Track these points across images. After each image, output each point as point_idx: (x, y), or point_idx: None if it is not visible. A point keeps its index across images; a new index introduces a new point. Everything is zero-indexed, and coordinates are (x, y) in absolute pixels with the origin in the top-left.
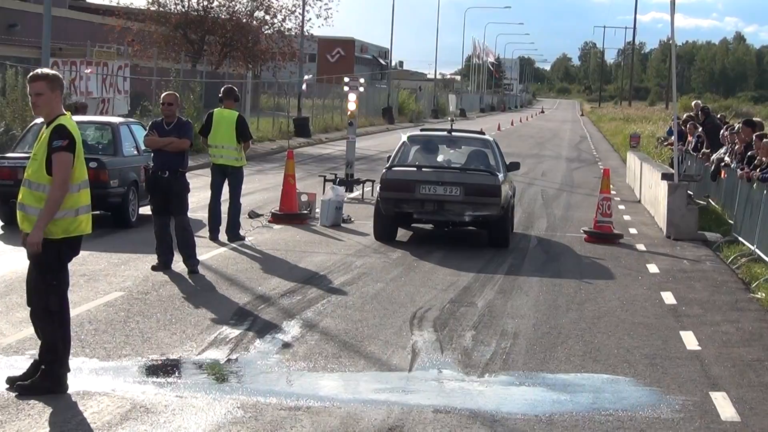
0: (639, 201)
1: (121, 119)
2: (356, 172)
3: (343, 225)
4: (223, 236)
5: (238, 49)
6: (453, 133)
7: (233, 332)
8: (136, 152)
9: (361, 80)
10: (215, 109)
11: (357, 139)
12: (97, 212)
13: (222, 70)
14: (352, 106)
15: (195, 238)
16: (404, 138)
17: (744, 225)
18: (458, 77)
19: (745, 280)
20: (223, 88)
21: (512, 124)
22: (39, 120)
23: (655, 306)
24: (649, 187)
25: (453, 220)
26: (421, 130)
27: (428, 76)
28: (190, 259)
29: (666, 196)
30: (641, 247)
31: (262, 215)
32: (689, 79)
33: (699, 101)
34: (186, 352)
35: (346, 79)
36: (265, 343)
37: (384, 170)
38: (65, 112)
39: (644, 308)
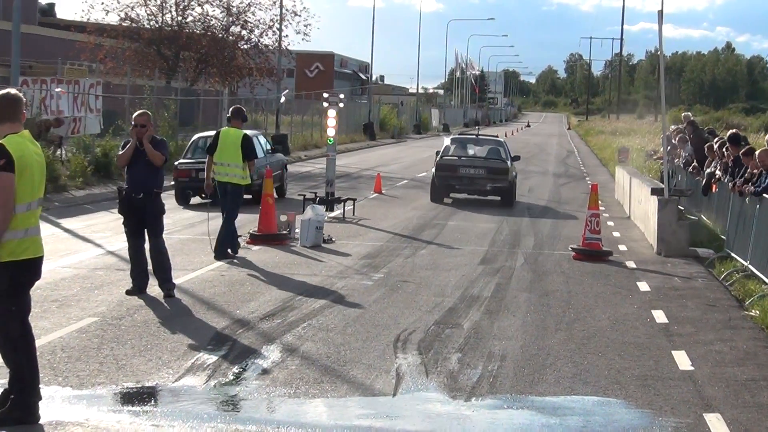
0: (628, 217)
1: (254, 131)
2: (337, 191)
3: (323, 245)
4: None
5: (214, 65)
6: (479, 136)
7: (211, 358)
8: (263, 155)
9: (341, 95)
10: (222, 128)
11: (337, 156)
12: (249, 196)
13: (198, 87)
14: (331, 122)
15: (170, 261)
16: (447, 141)
17: (737, 240)
18: (441, 91)
19: (738, 298)
20: (231, 108)
21: None
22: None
23: (646, 325)
24: (639, 202)
25: (480, 189)
26: (457, 134)
27: (410, 91)
28: (166, 283)
29: (656, 211)
30: (631, 264)
31: (240, 236)
32: (679, 91)
33: (689, 113)
34: (162, 380)
35: (326, 95)
36: (244, 369)
37: (437, 159)
38: (17, 131)
39: (635, 328)
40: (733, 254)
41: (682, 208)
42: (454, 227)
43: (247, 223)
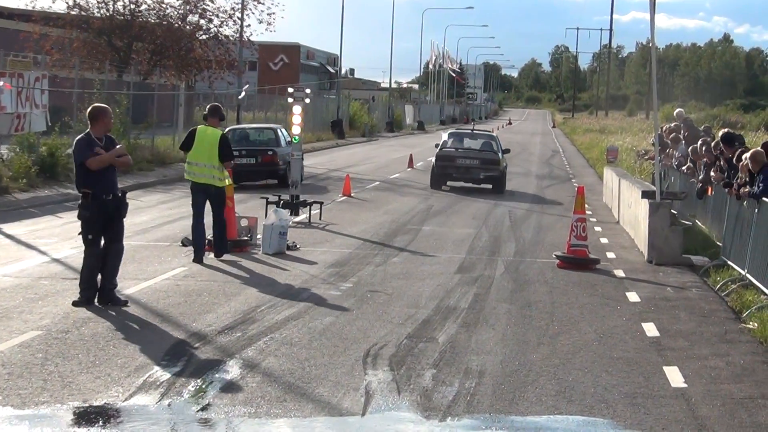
0: (617, 222)
1: (277, 125)
2: (302, 194)
3: (287, 252)
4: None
5: (170, 57)
6: (474, 131)
7: (165, 374)
8: (286, 145)
9: (308, 90)
10: (199, 126)
11: (303, 156)
12: (273, 181)
13: (152, 81)
14: (297, 119)
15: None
16: (445, 135)
17: (734, 247)
18: (416, 86)
19: (735, 309)
20: (208, 106)
21: None
22: None
23: (636, 339)
24: (629, 206)
25: (474, 177)
26: (454, 130)
27: (382, 85)
28: (114, 289)
29: (647, 216)
30: (620, 273)
31: None
32: (672, 86)
33: (682, 110)
34: (111, 398)
35: (291, 90)
36: (200, 387)
37: (437, 150)
38: None
39: (624, 341)
40: (729, 262)
41: (675, 213)
42: (429, 233)
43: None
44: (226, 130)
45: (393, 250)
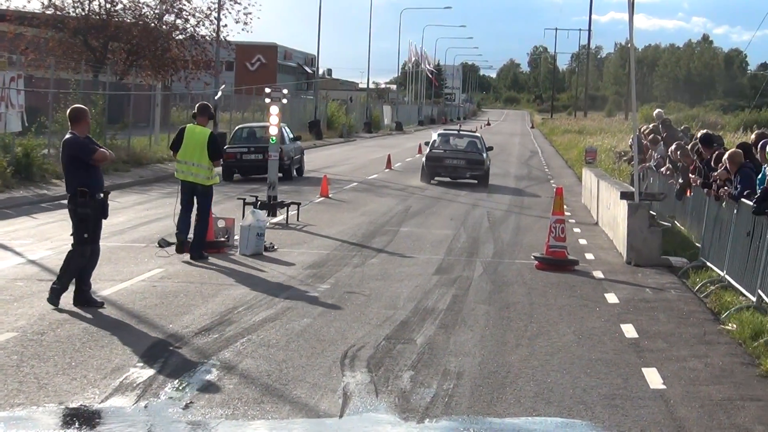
0: (596, 223)
1: (282, 124)
2: (280, 194)
3: (265, 254)
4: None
5: (146, 57)
6: (460, 132)
7: (141, 376)
8: (290, 141)
9: (285, 91)
10: (188, 125)
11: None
12: (281, 174)
13: (128, 81)
14: (274, 120)
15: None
16: (435, 136)
17: (713, 248)
18: (394, 86)
19: (714, 310)
20: (197, 105)
21: None
22: None
23: (615, 340)
24: (607, 207)
25: (460, 175)
26: (442, 131)
27: (360, 86)
28: (89, 290)
29: (626, 217)
30: (599, 274)
31: (173, 244)
32: (651, 86)
33: (661, 111)
34: (88, 400)
35: (268, 90)
36: (177, 388)
37: (427, 150)
38: None
39: (602, 343)
40: (708, 263)
41: (654, 214)
42: (407, 234)
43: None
44: (236, 129)
45: (371, 251)
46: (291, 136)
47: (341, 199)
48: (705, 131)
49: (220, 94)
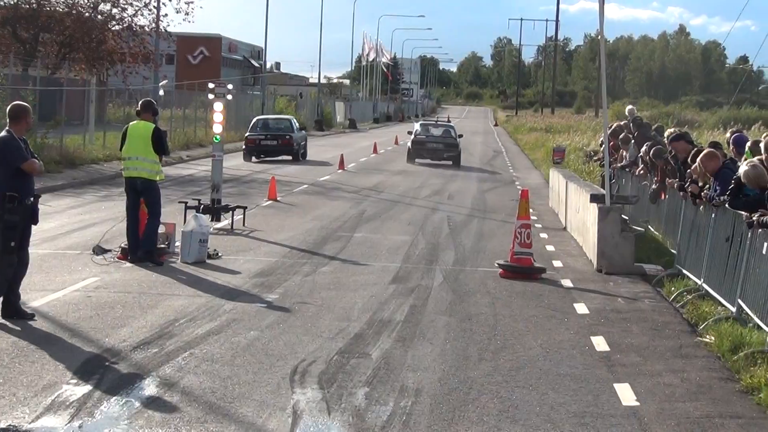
0: (564, 228)
1: (290, 116)
2: (224, 198)
3: (208, 261)
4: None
5: (80, 49)
6: (437, 122)
7: (75, 394)
8: (297, 131)
9: (230, 86)
10: (130, 123)
11: (225, 157)
12: (288, 157)
13: (60, 76)
14: (218, 117)
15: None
16: (417, 126)
17: (689, 255)
18: (347, 81)
19: (690, 321)
20: (141, 101)
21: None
22: None
23: (585, 354)
24: (576, 211)
25: (439, 156)
26: (423, 121)
27: (311, 80)
28: (18, 300)
29: (596, 221)
30: (567, 283)
31: (109, 251)
32: (623, 81)
33: (633, 107)
34: (17, 419)
35: (211, 85)
36: (114, 407)
37: (412, 137)
38: None
39: (571, 357)
40: (685, 271)
41: (626, 218)
42: (361, 240)
43: (118, 234)
44: (254, 120)
45: (323, 259)
46: (297, 126)
47: (290, 202)
48: (673, 131)
49: (161, 90)
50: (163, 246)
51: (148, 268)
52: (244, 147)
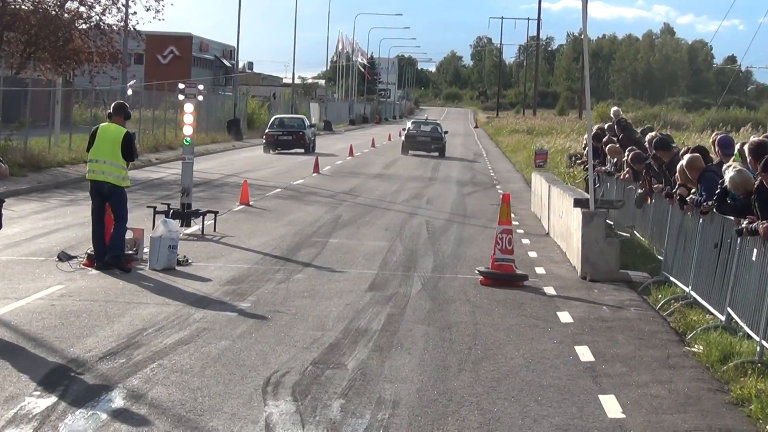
0: (547, 233)
1: (302, 116)
2: (194, 202)
3: (178, 268)
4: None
5: (46, 48)
6: (427, 120)
7: (39, 406)
8: (309, 127)
9: (201, 86)
10: (101, 124)
11: (195, 160)
12: (301, 150)
13: (25, 76)
14: (188, 119)
15: None
16: (409, 124)
17: (676, 262)
18: (322, 81)
19: (678, 330)
20: (113, 104)
21: (390, 139)
22: None
23: (569, 364)
24: (560, 216)
25: (428, 148)
26: (414, 120)
27: (285, 81)
28: None
29: (580, 227)
30: (550, 290)
31: (75, 257)
32: (607, 82)
33: (618, 109)
34: None
35: (182, 86)
36: (79, 420)
37: (405, 132)
38: None
39: (555, 367)
40: (672, 278)
41: (611, 223)
42: (336, 246)
43: (84, 240)
44: (272, 119)
45: (296, 266)
46: (308, 123)
47: (263, 207)
48: (656, 136)
49: (130, 91)
50: (130, 252)
51: (115, 276)
52: (264, 141)
